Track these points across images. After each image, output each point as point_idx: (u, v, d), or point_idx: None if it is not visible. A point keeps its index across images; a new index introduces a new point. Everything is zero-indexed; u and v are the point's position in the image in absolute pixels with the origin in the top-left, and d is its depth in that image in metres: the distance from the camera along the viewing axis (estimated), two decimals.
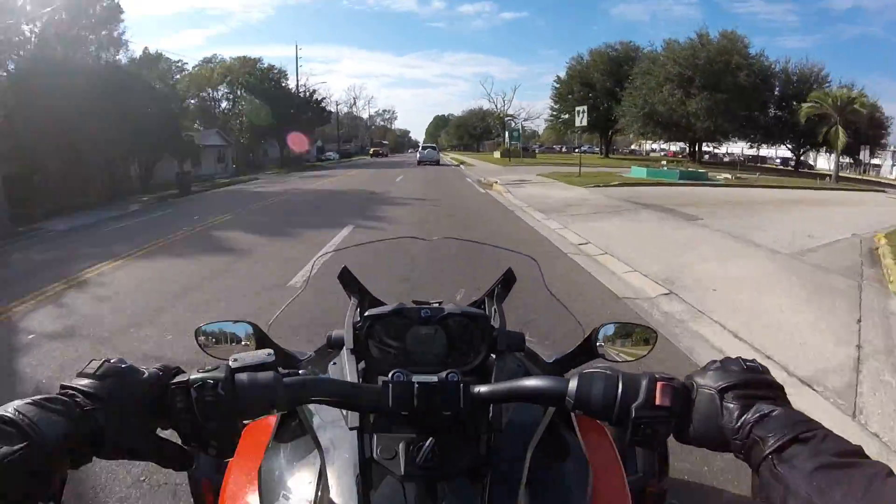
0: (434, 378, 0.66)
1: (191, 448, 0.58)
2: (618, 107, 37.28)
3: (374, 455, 0.69)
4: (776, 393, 0.56)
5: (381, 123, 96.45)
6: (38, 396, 0.50)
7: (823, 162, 39.22)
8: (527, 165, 28.51)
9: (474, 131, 79.71)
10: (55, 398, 0.51)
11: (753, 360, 0.58)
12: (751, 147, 39.81)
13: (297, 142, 18.45)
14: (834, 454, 0.46)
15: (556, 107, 47.93)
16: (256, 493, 0.80)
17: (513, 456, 0.74)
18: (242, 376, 0.58)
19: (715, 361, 0.59)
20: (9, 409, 0.47)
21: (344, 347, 0.87)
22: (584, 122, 17.38)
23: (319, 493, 0.72)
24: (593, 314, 3.91)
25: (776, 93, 33.97)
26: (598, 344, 0.99)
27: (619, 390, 0.58)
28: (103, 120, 14.96)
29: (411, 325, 0.87)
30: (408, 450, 0.68)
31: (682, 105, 31.99)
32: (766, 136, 35.13)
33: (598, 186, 14.61)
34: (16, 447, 0.44)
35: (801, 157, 36.73)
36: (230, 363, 0.58)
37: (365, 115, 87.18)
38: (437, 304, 0.95)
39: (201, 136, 28.38)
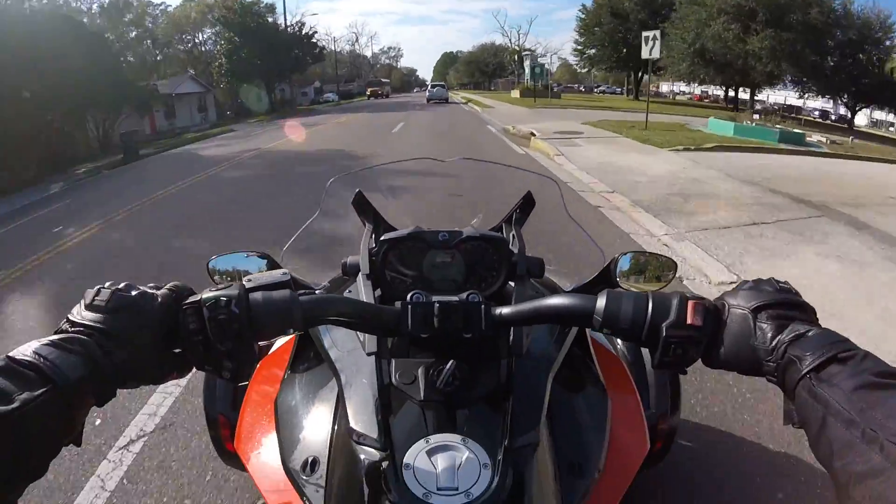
0: (455, 298, 0.64)
1: (205, 372, 0.56)
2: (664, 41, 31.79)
3: (393, 380, 0.67)
4: (809, 315, 0.53)
5: (386, 62, 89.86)
6: (55, 336, 0.48)
7: (861, 118, 34.89)
8: (557, 108, 23.47)
9: (486, 68, 73.58)
10: (73, 338, 0.48)
11: (786, 282, 0.56)
12: (800, 97, 34.83)
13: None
14: (874, 374, 0.44)
15: (580, 40, 41.67)
16: (273, 423, 0.79)
17: (533, 382, 0.72)
18: (257, 295, 0.54)
19: (747, 281, 0.57)
20: (28, 353, 0.45)
21: (359, 274, 0.83)
22: (656, 53, 12.46)
23: (337, 421, 0.71)
24: None
25: (837, 38, 28.41)
26: (616, 276, 0.96)
27: (650, 308, 0.55)
28: (26, 78, 11.54)
29: (428, 250, 0.84)
30: (427, 374, 0.65)
31: (739, 43, 26.93)
32: (827, 87, 29.85)
33: (689, 150, 9.74)
34: (37, 392, 0.42)
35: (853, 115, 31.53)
36: (244, 282, 0.55)
37: (368, 54, 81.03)
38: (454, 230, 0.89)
39: (172, 84, 24.35)
